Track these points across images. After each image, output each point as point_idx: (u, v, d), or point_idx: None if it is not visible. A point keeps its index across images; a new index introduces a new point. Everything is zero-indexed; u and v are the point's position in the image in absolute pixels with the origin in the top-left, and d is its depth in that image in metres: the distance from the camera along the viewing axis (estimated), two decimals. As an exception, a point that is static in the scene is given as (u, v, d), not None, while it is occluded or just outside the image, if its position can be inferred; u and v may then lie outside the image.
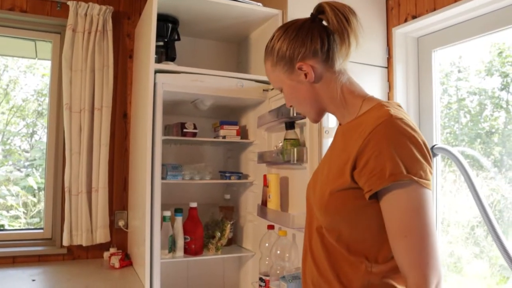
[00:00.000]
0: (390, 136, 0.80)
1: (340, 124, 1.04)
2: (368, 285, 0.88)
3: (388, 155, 0.79)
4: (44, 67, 2.45)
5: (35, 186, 2.36)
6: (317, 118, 1.01)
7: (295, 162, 1.62)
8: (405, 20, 2.11)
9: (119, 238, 2.27)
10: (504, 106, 1.91)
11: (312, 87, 0.97)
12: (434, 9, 1.94)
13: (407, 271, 0.80)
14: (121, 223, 2.25)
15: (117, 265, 2.02)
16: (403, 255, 0.80)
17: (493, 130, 1.96)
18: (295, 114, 1.61)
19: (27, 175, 2.37)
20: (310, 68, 0.95)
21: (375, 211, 0.85)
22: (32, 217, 2.37)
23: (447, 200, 2.12)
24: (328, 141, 1.47)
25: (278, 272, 1.64)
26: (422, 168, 0.80)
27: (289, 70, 0.97)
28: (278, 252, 1.65)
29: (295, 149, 1.62)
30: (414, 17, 2.06)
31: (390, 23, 2.21)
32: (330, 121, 1.49)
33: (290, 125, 1.78)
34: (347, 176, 0.86)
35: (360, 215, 0.87)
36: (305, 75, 0.96)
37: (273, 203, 1.74)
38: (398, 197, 0.79)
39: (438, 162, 2.11)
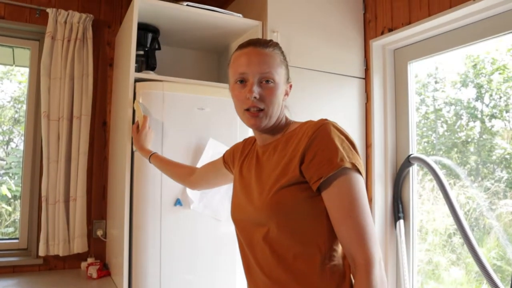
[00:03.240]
0: (332, 134, 0.94)
1: (257, 145, 1.15)
2: (325, 276, 0.94)
3: (334, 148, 0.92)
4: (22, 73, 2.42)
5: (9, 195, 2.31)
6: (266, 124, 1.06)
7: None
8: (382, 33, 2.16)
9: (97, 248, 2.24)
10: (479, 116, 1.96)
11: (281, 101, 1.09)
12: (409, 23, 1.99)
13: (354, 250, 0.89)
14: (99, 233, 2.22)
15: (95, 275, 1.99)
16: (349, 234, 0.90)
17: (469, 140, 2.01)
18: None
19: (2, 184, 2.32)
20: (289, 91, 1.13)
21: (322, 203, 0.95)
22: (6, 226, 2.32)
23: (425, 208, 2.16)
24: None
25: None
26: (358, 160, 0.94)
27: (285, 79, 1.09)
28: None
29: None
30: (390, 30, 2.11)
31: (367, 35, 2.26)
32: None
33: None
34: (295, 171, 0.95)
35: (309, 204, 0.96)
36: (286, 93, 1.11)
37: None
38: (343, 182, 0.91)
39: (416, 171, 2.15)
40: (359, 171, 0.93)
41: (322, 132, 0.94)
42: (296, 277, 0.95)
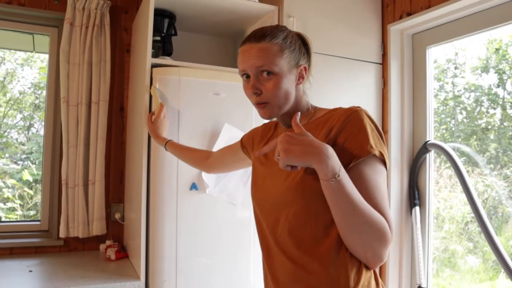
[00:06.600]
0: (365, 121, 0.96)
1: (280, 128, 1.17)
2: (343, 259, 0.94)
3: (365, 134, 0.95)
4: (42, 60, 2.47)
5: (31, 179, 2.38)
6: (277, 113, 1.07)
7: None
8: (400, 17, 2.12)
9: (115, 231, 2.29)
10: (500, 103, 1.92)
11: (294, 88, 1.08)
12: (429, 7, 1.95)
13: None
14: (117, 216, 2.27)
15: (113, 257, 2.04)
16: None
17: (489, 127, 1.97)
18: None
19: (24, 168, 2.39)
20: (305, 74, 1.09)
21: None
22: (28, 209, 2.40)
23: (442, 196, 2.14)
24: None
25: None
26: (385, 150, 0.97)
27: (292, 65, 1.06)
28: None
29: None
30: (409, 14, 2.07)
31: (385, 20, 2.22)
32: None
33: None
34: None
35: None
36: (300, 77, 1.08)
37: None
38: (369, 168, 0.94)
39: (433, 158, 2.13)
40: (384, 163, 0.96)
41: (355, 118, 0.96)
42: (317, 259, 0.96)
